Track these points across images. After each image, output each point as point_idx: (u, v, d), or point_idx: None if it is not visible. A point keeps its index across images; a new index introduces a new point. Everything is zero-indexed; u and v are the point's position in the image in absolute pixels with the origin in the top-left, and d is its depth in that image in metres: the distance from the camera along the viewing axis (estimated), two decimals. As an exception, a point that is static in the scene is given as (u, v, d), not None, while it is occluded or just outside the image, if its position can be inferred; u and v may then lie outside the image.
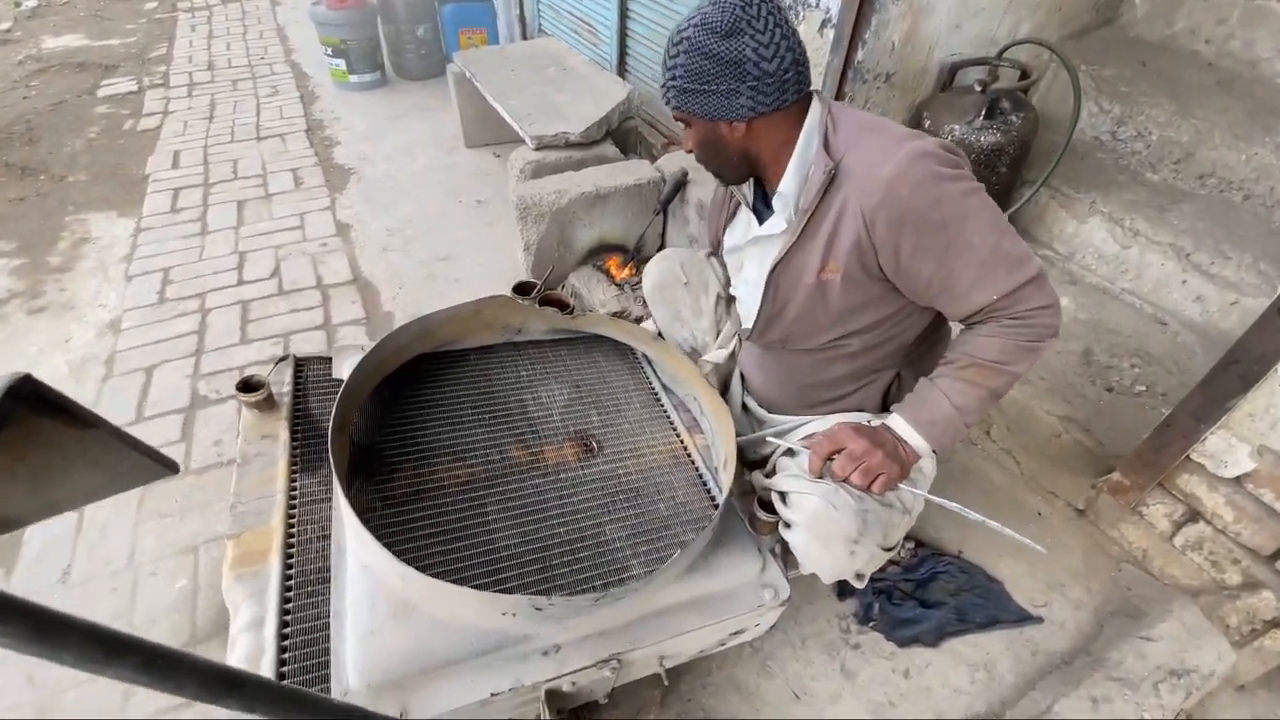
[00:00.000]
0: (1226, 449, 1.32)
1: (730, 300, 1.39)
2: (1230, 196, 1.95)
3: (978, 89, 1.92)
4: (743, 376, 1.47)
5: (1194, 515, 1.43)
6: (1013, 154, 1.95)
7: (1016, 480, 1.76)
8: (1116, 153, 2.17)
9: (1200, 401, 1.31)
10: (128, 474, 0.33)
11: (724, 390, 1.53)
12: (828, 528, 1.07)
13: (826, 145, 1.00)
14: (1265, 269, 1.71)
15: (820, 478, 1.08)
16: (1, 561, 1.54)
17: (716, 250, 1.35)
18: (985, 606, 1.48)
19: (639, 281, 2.31)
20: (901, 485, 1.09)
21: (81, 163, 3.26)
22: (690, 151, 1.11)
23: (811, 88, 1.03)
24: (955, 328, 1.17)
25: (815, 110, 1.03)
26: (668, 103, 1.04)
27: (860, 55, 1.89)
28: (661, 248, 2.46)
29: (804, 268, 1.06)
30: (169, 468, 0.34)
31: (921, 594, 1.50)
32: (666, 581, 1.04)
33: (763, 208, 1.16)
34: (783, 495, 1.18)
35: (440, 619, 0.95)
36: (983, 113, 1.89)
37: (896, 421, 1.08)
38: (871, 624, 1.45)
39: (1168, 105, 2.04)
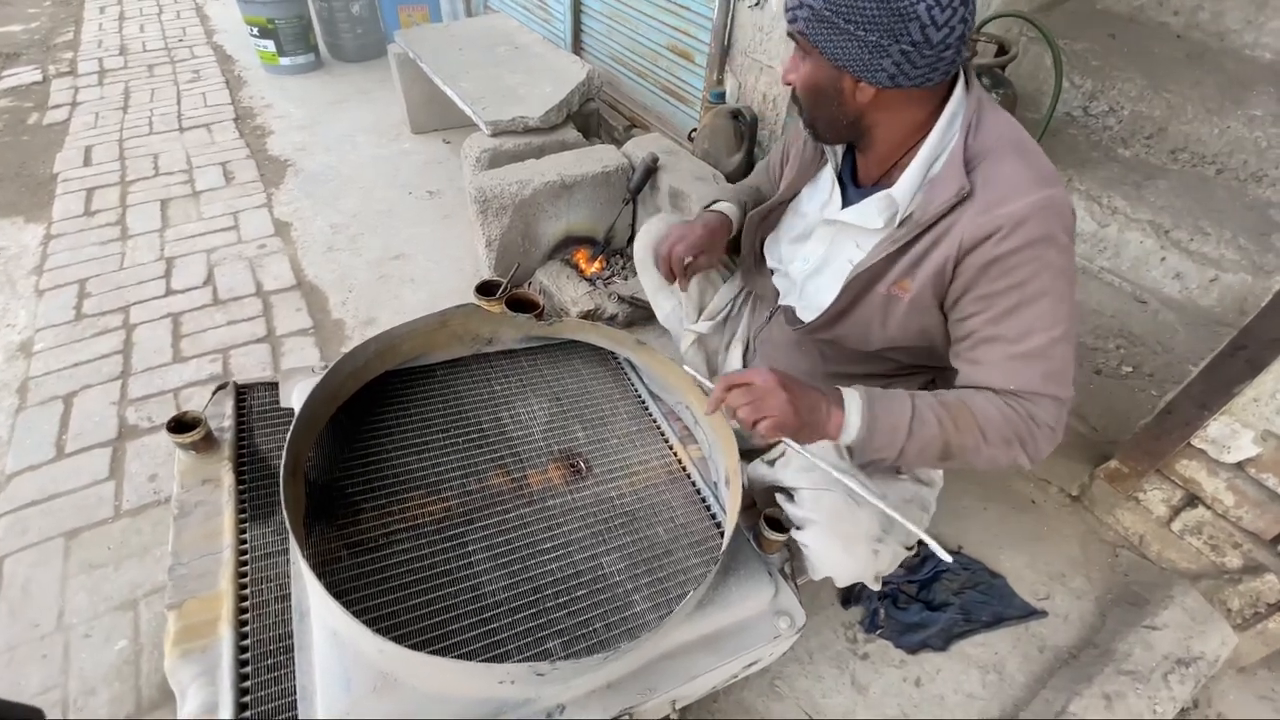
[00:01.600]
0: (1229, 434, 1.29)
1: (724, 267, 1.26)
2: (1203, 171, 1.94)
3: (956, 65, 1.85)
4: (745, 355, 1.36)
5: (1193, 500, 1.41)
6: (992, 132, 1.89)
7: (1008, 467, 1.72)
8: (1088, 129, 2.14)
9: (1204, 388, 1.28)
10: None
11: (711, 372, 1.43)
12: (852, 527, 0.99)
13: (966, 150, 0.85)
14: (1244, 244, 1.70)
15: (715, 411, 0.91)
16: (-96, 633, 1.34)
17: (748, 210, 1.17)
18: (990, 603, 1.44)
19: (610, 276, 2.19)
20: (914, 483, 1.02)
21: (-22, 162, 2.92)
22: (789, 84, 0.91)
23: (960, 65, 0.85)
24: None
25: (961, 98, 0.87)
26: (793, 20, 0.83)
27: (836, 30, 1.78)
28: (632, 238, 2.34)
29: (881, 276, 0.94)
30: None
31: (926, 595, 1.46)
32: (677, 623, 0.95)
33: (848, 180, 1.02)
34: (789, 493, 1.09)
35: (427, 692, 0.83)
36: (962, 90, 1.81)
37: (852, 396, 0.89)
38: (879, 631, 1.40)
39: (1139, 79, 2.01)
